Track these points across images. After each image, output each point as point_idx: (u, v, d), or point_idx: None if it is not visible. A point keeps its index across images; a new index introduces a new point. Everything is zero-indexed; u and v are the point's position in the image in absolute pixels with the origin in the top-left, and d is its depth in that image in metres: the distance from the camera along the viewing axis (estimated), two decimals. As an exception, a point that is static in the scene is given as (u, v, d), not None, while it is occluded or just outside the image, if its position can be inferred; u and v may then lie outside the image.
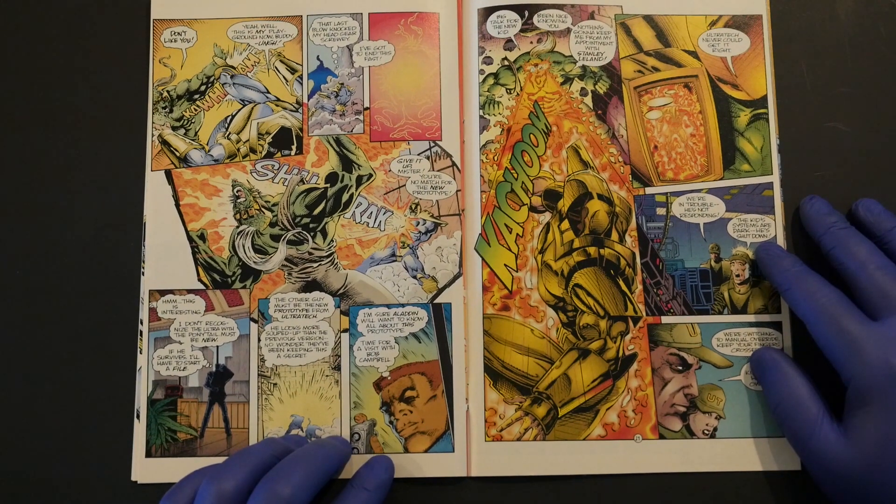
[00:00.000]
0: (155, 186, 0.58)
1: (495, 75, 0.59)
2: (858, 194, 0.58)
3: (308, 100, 0.59)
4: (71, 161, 0.58)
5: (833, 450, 0.48)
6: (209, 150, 0.58)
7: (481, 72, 0.59)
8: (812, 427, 0.50)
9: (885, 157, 0.59)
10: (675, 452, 0.55)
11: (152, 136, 0.59)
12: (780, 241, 0.58)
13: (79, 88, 0.60)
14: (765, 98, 0.60)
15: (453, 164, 0.58)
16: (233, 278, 0.57)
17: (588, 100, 0.59)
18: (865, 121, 0.60)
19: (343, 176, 0.58)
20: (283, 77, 0.59)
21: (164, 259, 0.57)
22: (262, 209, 0.58)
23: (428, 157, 0.59)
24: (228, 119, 0.59)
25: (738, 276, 0.58)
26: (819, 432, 0.49)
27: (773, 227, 0.58)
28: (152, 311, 0.57)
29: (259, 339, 0.56)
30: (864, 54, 0.61)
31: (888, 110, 0.60)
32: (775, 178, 0.59)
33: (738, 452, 0.55)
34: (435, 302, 0.57)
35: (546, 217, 0.58)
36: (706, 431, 0.56)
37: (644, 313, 0.57)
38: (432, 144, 0.59)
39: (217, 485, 0.46)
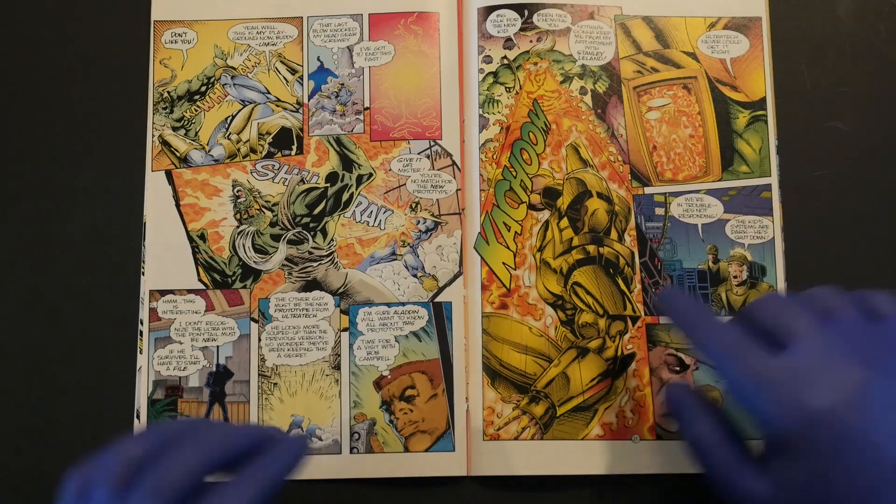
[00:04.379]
0: (155, 186, 0.58)
1: (495, 74, 0.60)
2: (858, 194, 0.58)
3: (308, 100, 0.59)
4: (71, 161, 0.57)
5: (757, 497, 0.45)
6: (209, 151, 0.58)
7: (481, 71, 0.59)
8: (731, 471, 0.47)
9: (885, 156, 0.59)
10: (672, 453, 0.56)
11: (153, 136, 0.59)
12: (779, 243, 0.58)
13: (79, 89, 0.59)
14: (763, 100, 0.60)
15: (453, 163, 0.59)
16: (233, 278, 0.57)
17: (587, 98, 0.60)
18: (865, 121, 0.60)
19: (343, 175, 0.58)
20: (284, 78, 0.59)
21: (165, 259, 0.57)
22: (263, 209, 0.58)
23: (428, 157, 0.59)
24: (229, 119, 0.59)
25: (735, 277, 0.58)
26: (740, 477, 0.46)
27: (770, 229, 0.58)
28: (152, 311, 0.57)
29: (259, 339, 0.57)
30: (864, 54, 0.61)
31: (888, 110, 0.60)
32: (773, 179, 0.59)
33: (735, 453, 0.56)
34: (435, 301, 0.57)
35: (545, 215, 0.58)
36: (703, 432, 0.56)
37: (643, 313, 0.57)
38: (432, 143, 0.59)
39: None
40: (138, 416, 0.56)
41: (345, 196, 0.58)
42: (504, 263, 0.58)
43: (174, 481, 0.43)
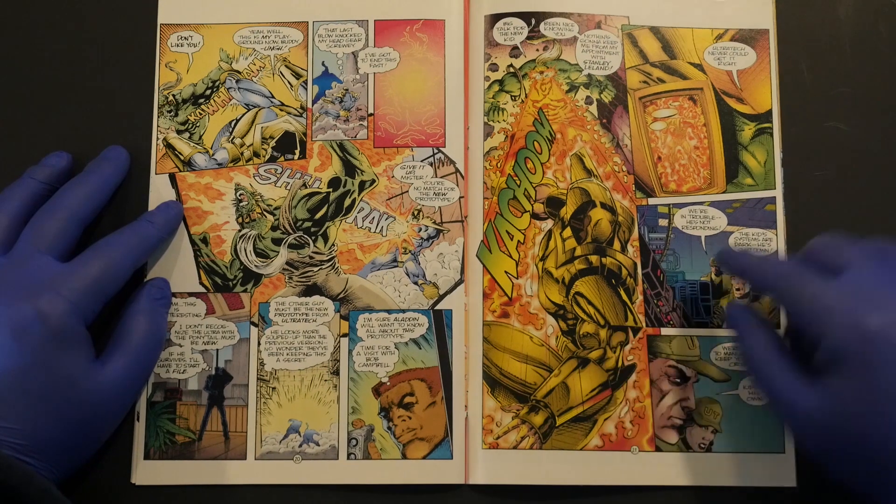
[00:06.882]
0: (159, 189, 0.58)
1: (500, 82, 0.59)
2: (858, 194, 0.58)
3: (312, 105, 0.59)
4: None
5: (809, 408, 0.47)
6: (213, 154, 0.59)
7: (486, 79, 0.59)
8: (778, 381, 0.49)
9: (886, 156, 0.59)
10: (671, 465, 0.55)
11: (157, 139, 0.59)
12: (782, 256, 0.58)
13: (84, 91, 0.60)
14: (769, 112, 0.59)
15: (457, 170, 0.59)
16: (234, 282, 0.57)
17: (593, 108, 0.59)
18: (865, 121, 0.60)
19: (346, 181, 0.58)
20: (288, 82, 0.60)
21: (167, 262, 0.57)
22: (264, 213, 0.58)
23: (431, 164, 0.59)
24: (233, 123, 0.59)
25: (738, 289, 0.58)
26: (792, 391, 0.48)
27: (774, 242, 0.58)
28: (153, 312, 0.57)
29: (259, 343, 0.57)
30: (864, 54, 0.61)
31: (888, 110, 0.60)
32: (778, 192, 0.59)
33: (734, 467, 0.55)
34: (436, 308, 0.57)
35: (548, 224, 0.58)
36: (702, 445, 0.56)
37: (644, 324, 0.57)
38: (436, 151, 0.59)
39: None
40: (138, 418, 0.56)
41: (347, 201, 0.58)
42: (506, 272, 0.58)
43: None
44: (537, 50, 0.60)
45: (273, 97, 0.59)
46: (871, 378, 0.44)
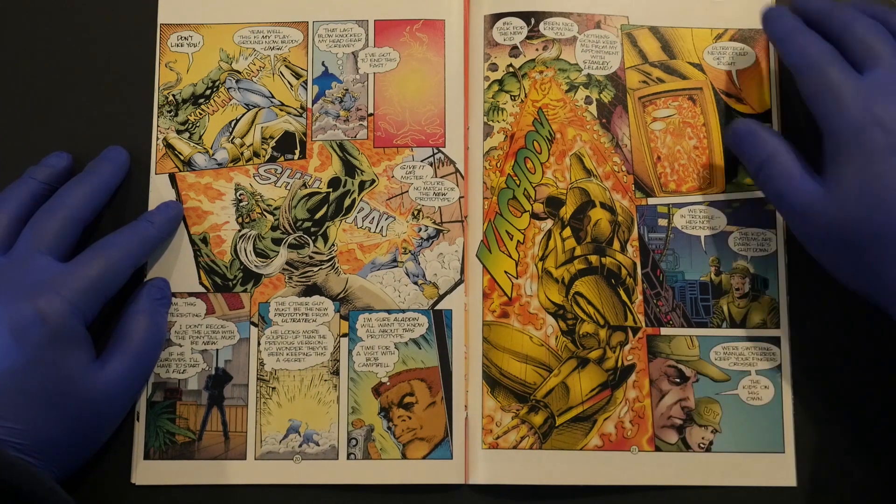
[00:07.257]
0: (159, 189, 0.58)
1: (500, 82, 0.59)
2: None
3: (312, 105, 0.59)
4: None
5: (813, 201, 0.49)
6: (213, 154, 0.59)
7: (486, 79, 0.59)
8: (791, 182, 0.50)
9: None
10: (670, 465, 0.55)
11: (157, 139, 0.59)
12: (781, 256, 0.58)
13: (84, 91, 0.60)
14: (769, 112, 0.60)
15: (457, 170, 0.59)
16: (234, 282, 0.57)
17: (593, 108, 0.59)
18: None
19: (346, 181, 0.58)
20: (288, 82, 0.60)
21: (166, 262, 0.57)
22: (264, 213, 0.58)
23: (431, 164, 0.59)
24: (233, 123, 0.59)
25: (737, 289, 0.58)
26: (799, 186, 0.50)
27: (774, 242, 0.58)
28: (153, 312, 0.57)
29: (259, 343, 0.57)
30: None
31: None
32: (777, 192, 0.59)
33: (734, 467, 0.55)
34: (436, 308, 0.57)
35: (548, 224, 0.58)
36: (702, 445, 0.56)
37: (643, 324, 0.57)
38: (436, 151, 0.59)
39: None
40: (138, 418, 0.56)
41: (347, 201, 0.58)
42: (506, 272, 0.58)
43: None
44: (537, 50, 0.60)
45: (273, 97, 0.59)
46: (870, 162, 0.46)
